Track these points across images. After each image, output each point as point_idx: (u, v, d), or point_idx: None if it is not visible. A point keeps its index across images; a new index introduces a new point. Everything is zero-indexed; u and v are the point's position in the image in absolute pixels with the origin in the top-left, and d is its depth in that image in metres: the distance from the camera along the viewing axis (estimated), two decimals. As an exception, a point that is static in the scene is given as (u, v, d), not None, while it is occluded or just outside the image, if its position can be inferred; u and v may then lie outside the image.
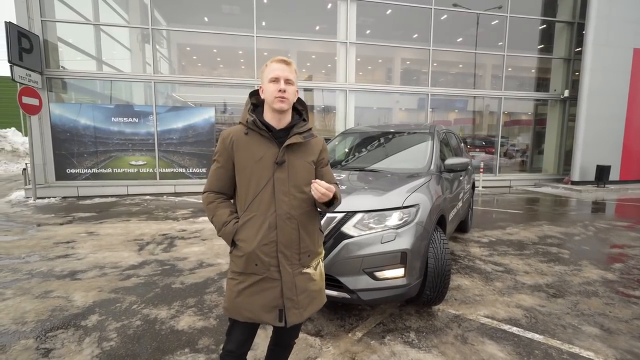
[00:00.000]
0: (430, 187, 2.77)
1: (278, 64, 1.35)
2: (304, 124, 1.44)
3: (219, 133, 8.81)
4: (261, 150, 1.34)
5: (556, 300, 3.00)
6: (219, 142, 1.42)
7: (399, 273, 2.29)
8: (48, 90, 8.30)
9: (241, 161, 1.35)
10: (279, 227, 1.33)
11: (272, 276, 1.33)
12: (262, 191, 1.33)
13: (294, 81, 1.37)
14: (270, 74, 1.35)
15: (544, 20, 11.80)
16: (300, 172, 1.38)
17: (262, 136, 1.36)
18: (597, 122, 10.40)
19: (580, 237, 5.09)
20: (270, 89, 1.34)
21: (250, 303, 1.33)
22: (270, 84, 1.35)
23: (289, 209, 1.34)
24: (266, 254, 1.32)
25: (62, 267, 3.72)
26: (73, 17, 8.98)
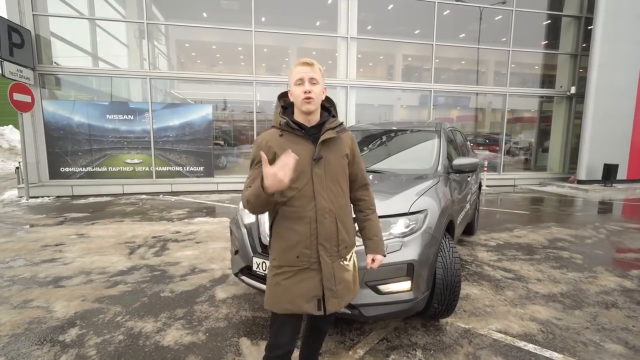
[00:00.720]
0: (439, 190, 2.55)
1: (301, 67, 1.38)
2: (334, 120, 1.49)
3: (219, 130, 8.66)
4: (298, 148, 1.36)
5: (573, 312, 2.78)
6: (254, 148, 1.43)
7: (405, 286, 2.07)
8: (41, 86, 8.08)
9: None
10: (319, 221, 1.38)
11: (312, 267, 1.39)
12: (303, 188, 1.37)
13: (319, 80, 1.40)
14: (295, 77, 1.39)
15: (550, 14, 11.51)
16: (335, 167, 1.44)
17: (297, 135, 1.41)
18: (604, 119, 10.14)
19: (592, 240, 4.87)
20: (297, 92, 1.38)
21: (289, 294, 1.38)
22: (296, 87, 1.39)
23: (328, 204, 1.40)
24: (307, 246, 1.38)
25: (46, 272, 3.52)
26: (66, 12, 8.74)
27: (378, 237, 1.58)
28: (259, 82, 9.54)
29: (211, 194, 8.53)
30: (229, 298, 2.97)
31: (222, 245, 4.44)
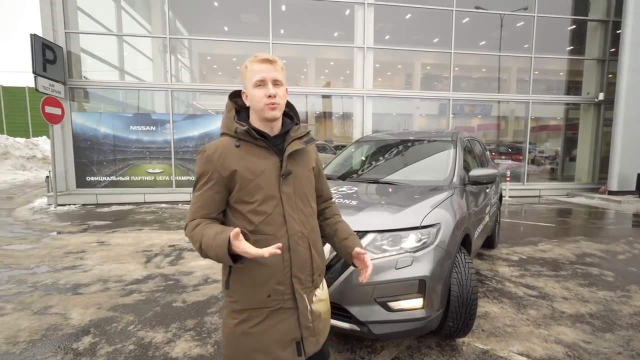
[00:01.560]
0: (453, 202, 2.45)
1: (261, 65, 1.13)
2: (298, 127, 1.26)
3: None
4: (261, 163, 1.13)
5: (604, 335, 2.58)
6: (201, 162, 1.13)
7: (417, 304, 1.98)
8: (70, 99, 8.50)
9: (241, 179, 1.11)
10: (292, 249, 1.14)
11: (286, 305, 1.14)
12: (273, 211, 1.13)
13: (283, 81, 1.17)
14: (254, 77, 1.13)
15: (574, 19, 11.13)
16: (304, 183, 1.22)
17: (259, 146, 1.15)
18: (636, 126, 9.61)
19: (625, 255, 4.56)
20: (258, 95, 1.13)
21: (262, 342, 1.12)
22: (255, 89, 1.13)
23: (301, 227, 1.17)
24: (280, 282, 1.13)
25: (66, 279, 3.63)
26: (96, 29, 9.22)
27: (353, 234, 1.39)
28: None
29: (228, 203, 8.63)
30: (240, 310, 2.95)
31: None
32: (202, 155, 1.14)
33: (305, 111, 12.62)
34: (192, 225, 1.11)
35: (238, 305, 1.14)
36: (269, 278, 1.11)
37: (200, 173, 1.14)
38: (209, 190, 1.12)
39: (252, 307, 1.12)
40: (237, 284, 1.14)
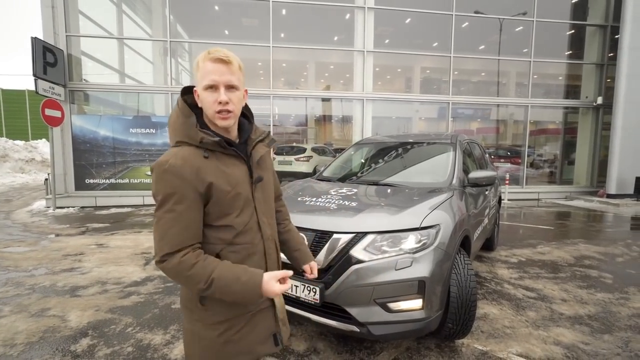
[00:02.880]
0: (453, 204, 2.46)
1: (214, 64, 0.99)
2: (257, 129, 1.19)
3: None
4: (235, 172, 1.06)
5: (602, 336, 2.58)
6: (168, 177, 0.95)
7: (416, 305, 1.99)
8: (70, 102, 8.51)
9: (218, 192, 1.01)
10: (267, 254, 1.15)
11: (264, 306, 1.15)
12: (250, 220, 1.10)
13: (239, 85, 1.04)
14: (205, 78, 0.99)
15: (573, 24, 11.22)
16: (270, 186, 1.22)
17: (228, 155, 1.07)
18: (635, 130, 9.65)
19: (624, 258, 4.56)
20: (208, 100, 1.00)
21: (246, 345, 1.11)
22: (206, 92, 1.00)
23: (271, 231, 1.19)
24: None
25: (65, 281, 3.61)
26: (97, 32, 9.26)
27: (304, 245, 1.41)
28: (276, 96, 9.70)
29: (228, 206, 8.62)
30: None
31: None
32: (165, 170, 0.95)
33: (305, 114, 12.67)
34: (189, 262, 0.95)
35: (218, 317, 1.07)
36: None
37: (168, 192, 0.96)
38: (187, 210, 0.97)
39: (234, 316, 1.08)
40: (215, 299, 1.03)
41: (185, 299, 1.11)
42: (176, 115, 1.03)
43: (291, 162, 10.50)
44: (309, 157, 10.61)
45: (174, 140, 1.04)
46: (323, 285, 2.03)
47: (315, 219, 2.27)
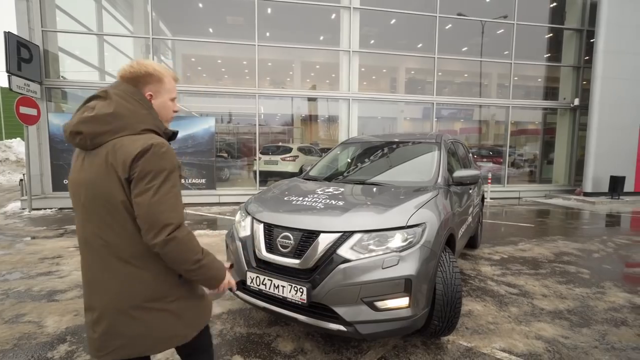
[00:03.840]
0: (438, 202, 2.49)
1: (175, 83, 1.29)
2: None
3: (222, 143, 8.80)
4: None
5: (581, 330, 2.66)
6: (169, 158, 1.10)
7: (403, 303, 2.00)
8: (47, 100, 8.21)
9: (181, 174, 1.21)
10: None
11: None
12: None
13: None
14: (173, 92, 1.28)
15: (551, 27, 11.59)
16: None
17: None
18: (609, 131, 10.05)
19: (600, 254, 4.73)
20: (170, 106, 1.29)
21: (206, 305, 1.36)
22: (170, 102, 1.28)
23: None
24: None
25: (41, 286, 3.48)
26: (75, 28, 8.96)
27: None
28: (261, 95, 9.62)
29: (212, 206, 8.51)
30: (224, 313, 2.90)
31: (221, 258, 4.36)
32: (167, 150, 1.10)
33: (291, 114, 12.63)
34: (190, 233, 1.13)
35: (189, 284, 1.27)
36: None
37: (172, 169, 1.10)
38: (178, 185, 1.14)
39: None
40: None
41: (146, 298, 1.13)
42: (134, 106, 1.14)
43: (277, 162, 10.43)
44: (295, 157, 10.57)
45: (138, 128, 1.12)
46: (310, 285, 2.02)
47: (302, 219, 2.25)
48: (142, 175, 1.04)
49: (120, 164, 1.04)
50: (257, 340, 2.47)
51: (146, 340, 1.15)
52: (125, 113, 1.11)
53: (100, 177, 1.07)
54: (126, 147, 1.06)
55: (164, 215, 1.05)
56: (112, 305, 1.12)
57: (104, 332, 1.12)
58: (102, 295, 1.12)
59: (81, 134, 1.08)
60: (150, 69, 1.19)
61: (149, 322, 1.14)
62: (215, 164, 9.15)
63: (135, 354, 1.16)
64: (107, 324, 1.12)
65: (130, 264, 1.11)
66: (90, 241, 1.12)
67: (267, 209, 2.49)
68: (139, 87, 1.18)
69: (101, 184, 1.07)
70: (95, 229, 1.10)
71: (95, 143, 1.09)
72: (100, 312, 1.13)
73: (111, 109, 1.09)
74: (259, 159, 10.13)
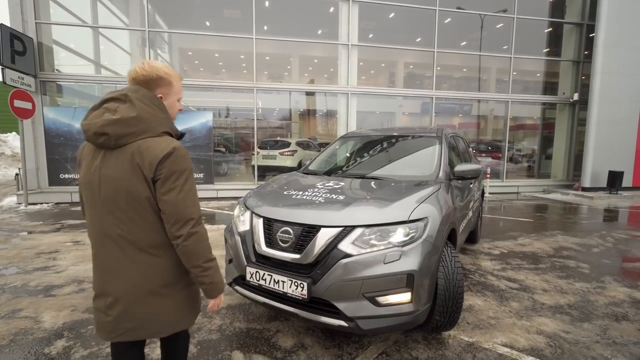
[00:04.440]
0: (440, 197, 2.46)
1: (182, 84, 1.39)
2: None
3: (220, 137, 8.76)
4: None
5: (582, 324, 2.66)
6: (188, 159, 1.25)
7: (405, 298, 1.97)
8: (42, 93, 8.10)
9: None
10: None
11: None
12: None
13: None
14: (180, 93, 1.38)
15: (551, 22, 11.51)
16: None
17: None
18: (608, 126, 10.04)
19: (599, 249, 4.74)
20: (176, 107, 1.39)
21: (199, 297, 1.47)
22: (178, 102, 1.39)
23: None
24: None
25: (38, 281, 3.44)
26: (69, 20, 8.81)
27: None
28: (259, 90, 9.53)
29: (210, 201, 8.46)
30: (223, 308, 2.88)
31: (220, 253, 4.32)
32: (185, 152, 1.24)
33: (289, 108, 12.54)
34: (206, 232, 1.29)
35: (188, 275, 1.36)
36: None
37: (191, 167, 1.25)
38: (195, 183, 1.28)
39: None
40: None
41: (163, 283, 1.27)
42: (154, 110, 1.25)
43: (275, 157, 10.37)
44: (294, 152, 10.51)
45: (158, 131, 1.24)
46: (311, 280, 1.99)
47: (302, 213, 2.22)
48: (168, 176, 1.17)
49: (146, 165, 1.16)
50: (257, 336, 2.45)
51: (154, 324, 1.28)
52: (147, 117, 1.21)
53: (125, 175, 1.17)
54: (151, 150, 1.17)
55: (188, 210, 1.20)
56: (129, 291, 1.23)
57: (118, 316, 1.24)
58: (119, 281, 1.23)
59: (106, 135, 1.17)
60: (162, 72, 1.28)
61: (160, 307, 1.27)
62: (213, 159, 9.09)
63: (144, 336, 1.29)
64: (122, 308, 1.23)
65: (148, 253, 1.23)
66: (109, 232, 1.22)
67: (267, 204, 2.45)
68: (151, 89, 1.27)
69: (126, 181, 1.17)
70: (115, 220, 1.20)
71: (119, 143, 1.18)
72: (115, 297, 1.24)
73: (135, 112, 1.19)
74: (257, 154, 10.07)
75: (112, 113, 1.18)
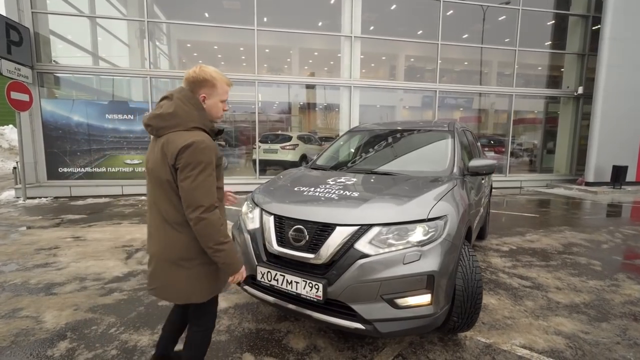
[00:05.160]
0: (457, 193, 2.37)
1: (229, 87, 1.55)
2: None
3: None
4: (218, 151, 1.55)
5: (600, 324, 2.59)
6: (207, 152, 1.38)
7: (425, 300, 1.89)
8: (39, 85, 7.93)
9: (218, 164, 1.50)
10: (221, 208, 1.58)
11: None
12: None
13: None
14: (224, 95, 1.54)
15: (557, 14, 11.32)
16: None
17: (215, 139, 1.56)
18: (613, 120, 9.94)
19: (609, 245, 4.67)
20: (220, 107, 1.56)
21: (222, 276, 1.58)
22: (220, 103, 1.55)
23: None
24: None
25: (38, 278, 3.34)
26: (66, 10, 8.59)
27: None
28: (260, 82, 9.37)
29: (212, 196, 8.35)
30: (231, 308, 2.79)
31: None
32: (206, 146, 1.38)
33: (290, 102, 12.37)
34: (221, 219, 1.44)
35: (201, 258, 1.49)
36: None
37: (209, 161, 1.38)
38: (214, 175, 1.42)
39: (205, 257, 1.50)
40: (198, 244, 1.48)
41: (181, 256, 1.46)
42: (189, 108, 1.45)
43: (277, 151, 10.25)
44: (295, 146, 10.38)
45: (189, 125, 1.43)
46: (326, 281, 1.91)
47: (316, 211, 2.12)
48: (185, 166, 1.34)
49: (169, 154, 1.36)
50: (267, 337, 2.37)
51: (171, 289, 1.51)
52: (181, 113, 1.42)
53: (158, 160, 1.41)
54: (175, 142, 1.36)
55: (199, 199, 1.35)
56: (157, 254, 1.50)
57: (151, 273, 1.54)
58: (154, 245, 1.51)
59: (150, 126, 1.44)
60: (208, 75, 1.47)
61: (176, 276, 1.47)
62: (214, 153, 8.96)
63: (165, 297, 1.54)
64: (153, 267, 1.53)
65: (172, 227, 1.44)
66: (152, 205, 1.49)
67: (277, 200, 2.35)
68: (197, 89, 1.47)
69: (158, 165, 1.41)
70: (154, 196, 1.47)
71: (159, 134, 1.43)
72: (150, 256, 1.55)
73: (172, 109, 1.42)
74: (258, 148, 9.94)
75: (158, 108, 1.45)
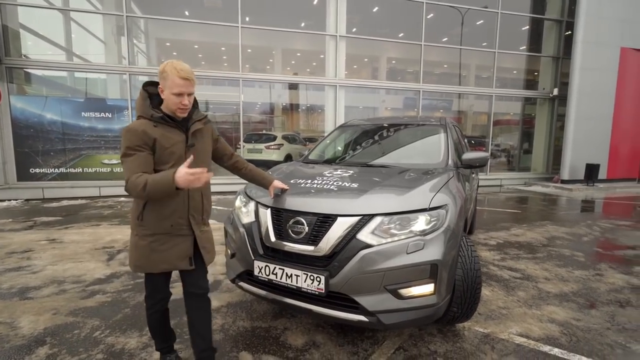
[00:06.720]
0: (454, 184, 2.37)
1: (182, 81, 1.52)
2: (198, 112, 1.73)
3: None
4: (173, 138, 1.59)
5: (589, 312, 2.65)
6: (128, 136, 1.51)
7: (428, 290, 1.86)
8: (8, 81, 7.49)
9: (159, 147, 1.55)
10: (190, 197, 1.66)
11: (182, 233, 1.65)
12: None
13: (194, 91, 1.62)
14: (174, 88, 1.52)
15: (533, 18, 11.75)
16: (203, 151, 1.74)
17: (170, 126, 1.60)
18: (586, 121, 10.39)
19: (588, 237, 4.84)
20: (174, 100, 1.56)
21: (166, 257, 1.62)
22: (173, 96, 1.54)
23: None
24: (181, 216, 1.64)
25: (11, 282, 3.12)
26: (37, 1, 8.18)
27: (265, 173, 2.18)
28: (245, 81, 9.22)
29: (195, 196, 8.12)
30: (223, 307, 2.69)
31: (219, 248, 4.11)
32: (126, 131, 1.52)
33: (274, 102, 12.25)
34: (135, 177, 1.45)
35: (149, 231, 1.60)
36: (172, 213, 1.61)
37: (127, 145, 1.50)
38: (135, 153, 1.50)
39: (159, 232, 1.61)
40: (148, 217, 1.59)
41: (131, 220, 1.65)
42: (139, 99, 1.63)
43: (261, 150, 10.12)
44: (280, 145, 10.29)
45: (137, 114, 1.60)
46: (328, 273, 1.85)
47: (316, 202, 2.07)
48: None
49: None
50: (264, 335, 2.29)
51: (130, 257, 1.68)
52: (137, 103, 1.63)
53: None
54: None
55: (124, 173, 1.51)
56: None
57: None
58: None
59: None
60: (162, 68, 1.54)
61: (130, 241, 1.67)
62: (197, 152, 8.73)
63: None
64: None
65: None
66: None
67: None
68: (160, 81, 1.57)
69: None
70: None
71: None
72: None
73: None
74: (242, 147, 9.78)
75: None
